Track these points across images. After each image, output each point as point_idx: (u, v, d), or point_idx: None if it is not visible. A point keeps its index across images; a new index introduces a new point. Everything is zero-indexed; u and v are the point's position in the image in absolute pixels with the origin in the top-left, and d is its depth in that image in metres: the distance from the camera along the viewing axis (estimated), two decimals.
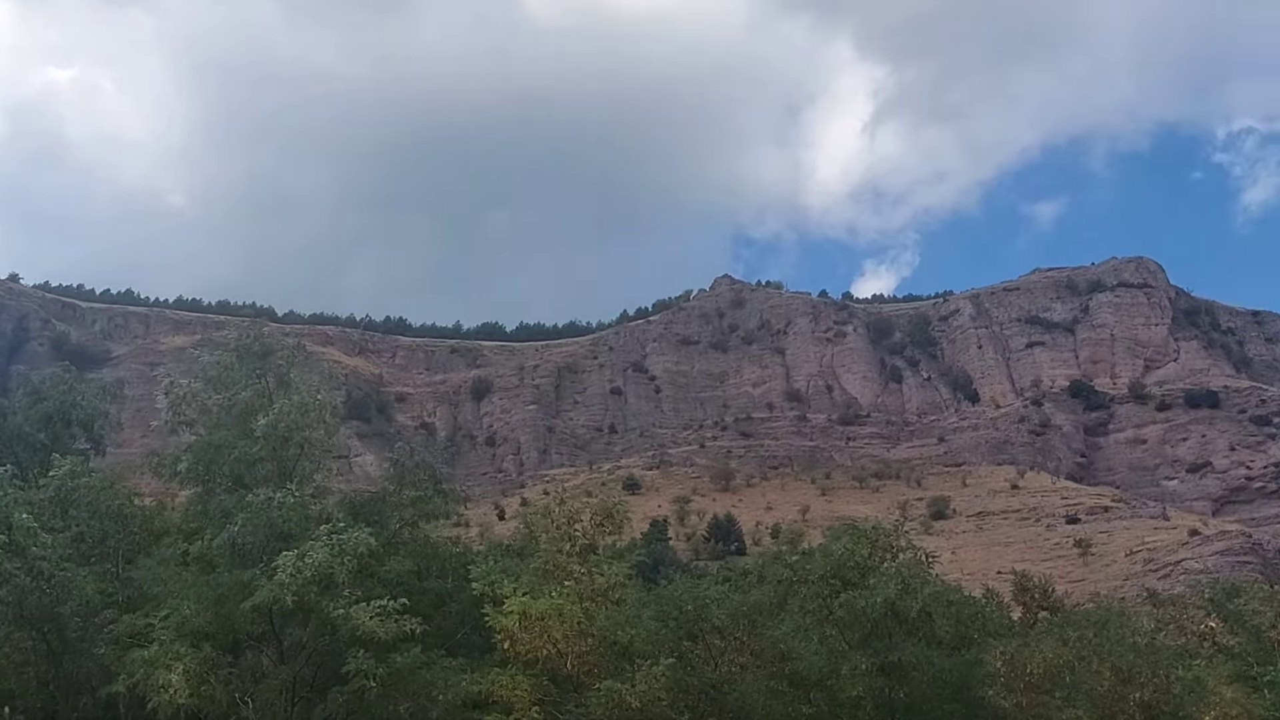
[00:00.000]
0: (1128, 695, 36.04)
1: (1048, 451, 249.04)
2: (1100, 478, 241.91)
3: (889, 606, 37.58)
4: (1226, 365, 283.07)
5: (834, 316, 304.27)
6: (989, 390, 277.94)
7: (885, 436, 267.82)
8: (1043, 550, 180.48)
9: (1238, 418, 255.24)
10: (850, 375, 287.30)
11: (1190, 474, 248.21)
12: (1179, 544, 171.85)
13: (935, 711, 37.68)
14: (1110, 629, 39.68)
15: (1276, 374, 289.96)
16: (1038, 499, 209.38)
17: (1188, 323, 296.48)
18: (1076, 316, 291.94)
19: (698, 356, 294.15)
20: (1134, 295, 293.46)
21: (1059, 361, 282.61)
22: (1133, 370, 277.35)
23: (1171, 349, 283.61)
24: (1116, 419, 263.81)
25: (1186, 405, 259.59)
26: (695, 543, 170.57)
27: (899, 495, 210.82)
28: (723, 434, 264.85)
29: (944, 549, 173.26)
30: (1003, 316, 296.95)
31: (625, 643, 36.06)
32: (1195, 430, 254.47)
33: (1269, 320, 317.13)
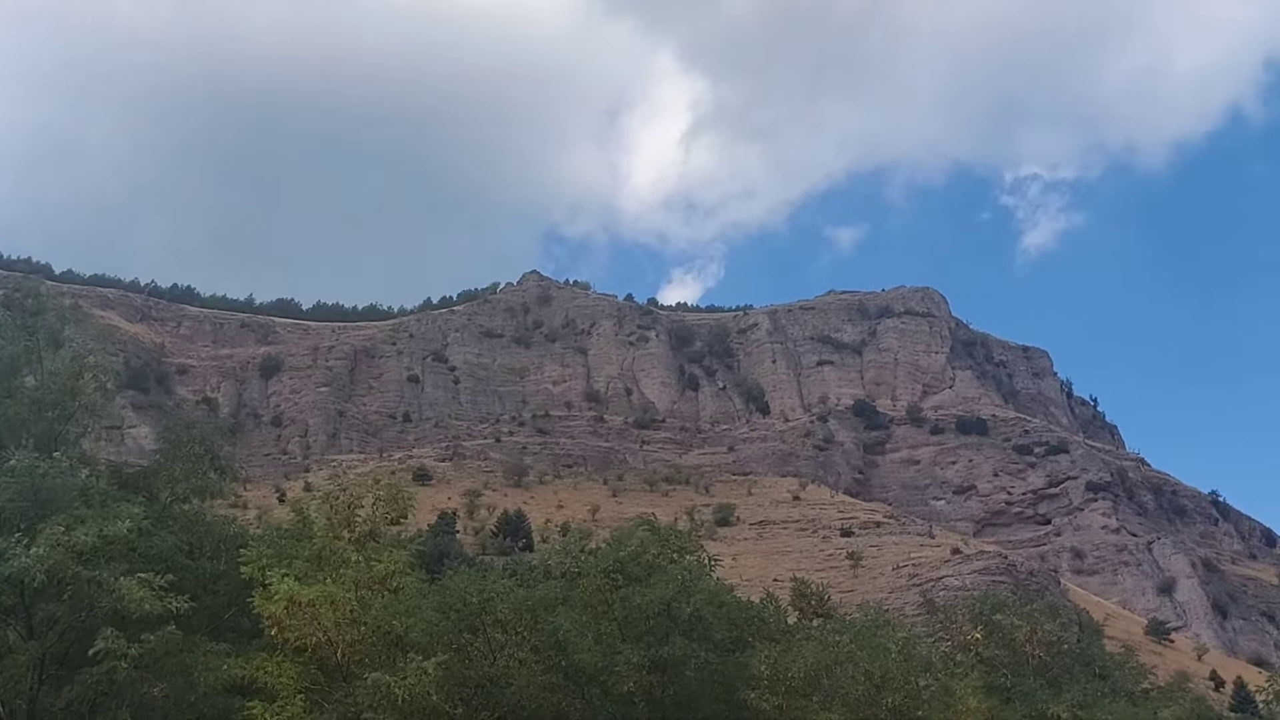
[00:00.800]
0: (880, 700, 37.79)
1: (829, 466, 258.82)
2: (876, 494, 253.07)
3: (665, 605, 38.32)
4: (996, 396, 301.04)
5: (638, 321, 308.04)
6: (779, 404, 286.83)
7: (678, 442, 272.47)
8: (818, 560, 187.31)
9: (1003, 445, 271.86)
10: (649, 380, 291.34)
11: (956, 495, 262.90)
12: (942, 561, 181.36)
13: (704, 710, 38.62)
14: (865, 637, 41.52)
15: (1040, 407, 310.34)
16: (817, 511, 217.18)
17: (965, 353, 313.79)
18: (865, 339, 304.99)
19: (500, 350, 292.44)
20: (918, 323, 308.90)
21: (846, 381, 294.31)
22: (912, 394, 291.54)
23: (948, 377, 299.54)
24: (894, 439, 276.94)
25: (958, 431, 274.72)
26: (483, 537, 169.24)
27: (687, 501, 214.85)
28: (519, 430, 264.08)
29: (726, 554, 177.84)
30: (797, 334, 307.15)
31: (400, 633, 35.45)
32: (964, 455, 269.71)
33: (1037, 356, 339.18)
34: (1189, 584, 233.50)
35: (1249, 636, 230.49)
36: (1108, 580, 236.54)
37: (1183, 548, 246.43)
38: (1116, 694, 51.02)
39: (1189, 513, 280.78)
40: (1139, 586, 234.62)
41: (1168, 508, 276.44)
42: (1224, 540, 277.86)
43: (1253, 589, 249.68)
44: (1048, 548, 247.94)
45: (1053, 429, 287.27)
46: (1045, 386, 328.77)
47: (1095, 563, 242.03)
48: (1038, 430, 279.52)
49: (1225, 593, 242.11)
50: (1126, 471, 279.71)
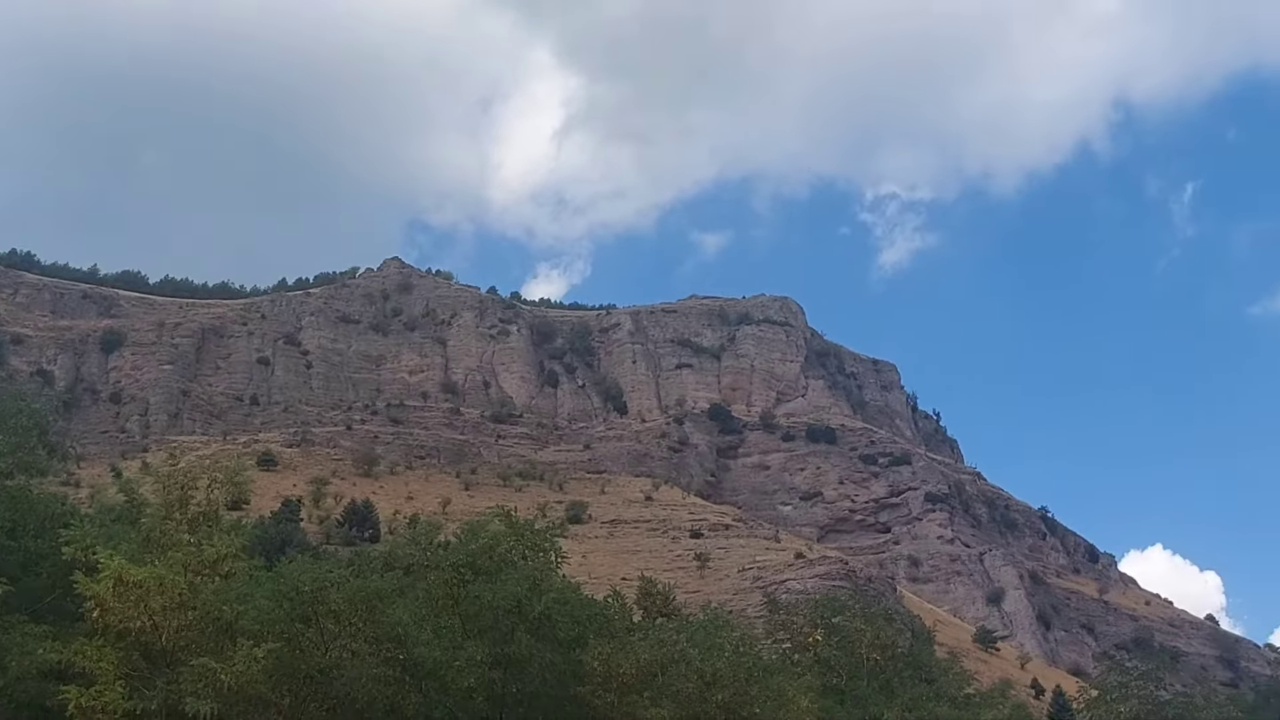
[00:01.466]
0: (711, 698, 38.33)
1: (683, 468, 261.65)
2: (726, 497, 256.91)
3: (515, 603, 38.10)
4: (846, 406, 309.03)
5: (500, 314, 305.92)
6: (637, 404, 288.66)
7: (535, 438, 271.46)
8: (666, 560, 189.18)
9: (849, 454, 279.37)
10: (508, 374, 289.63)
11: (803, 501, 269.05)
12: (785, 565, 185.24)
13: (543, 706, 38.55)
14: (701, 636, 42.10)
15: (887, 419, 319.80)
16: (668, 511, 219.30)
17: (818, 363, 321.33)
18: (723, 344, 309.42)
19: (356, 336, 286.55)
20: (775, 331, 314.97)
21: (703, 385, 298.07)
22: (766, 401, 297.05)
23: (801, 385, 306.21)
24: (746, 444, 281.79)
25: (808, 439, 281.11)
26: (329, 526, 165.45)
27: (540, 497, 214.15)
28: (372, 418, 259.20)
29: (576, 552, 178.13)
30: (658, 336, 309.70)
31: (231, 619, 34.36)
32: (812, 462, 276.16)
33: (886, 370, 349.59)
34: (1016, 595, 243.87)
35: (1069, 647, 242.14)
36: (941, 588, 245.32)
37: (1012, 560, 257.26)
38: (941, 698, 52.88)
39: (1019, 526, 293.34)
40: (970, 596, 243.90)
41: (1000, 521, 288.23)
42: (1050, 554, 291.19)
43: (1075, 602, 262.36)
44: (886, 555, 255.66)
45: (897, 441, 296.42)
46: (892, 399, 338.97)
47: (930, 571, 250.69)
48: (883, 441, 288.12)
49: (1049, 604, 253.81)
50: (964, 484, 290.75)
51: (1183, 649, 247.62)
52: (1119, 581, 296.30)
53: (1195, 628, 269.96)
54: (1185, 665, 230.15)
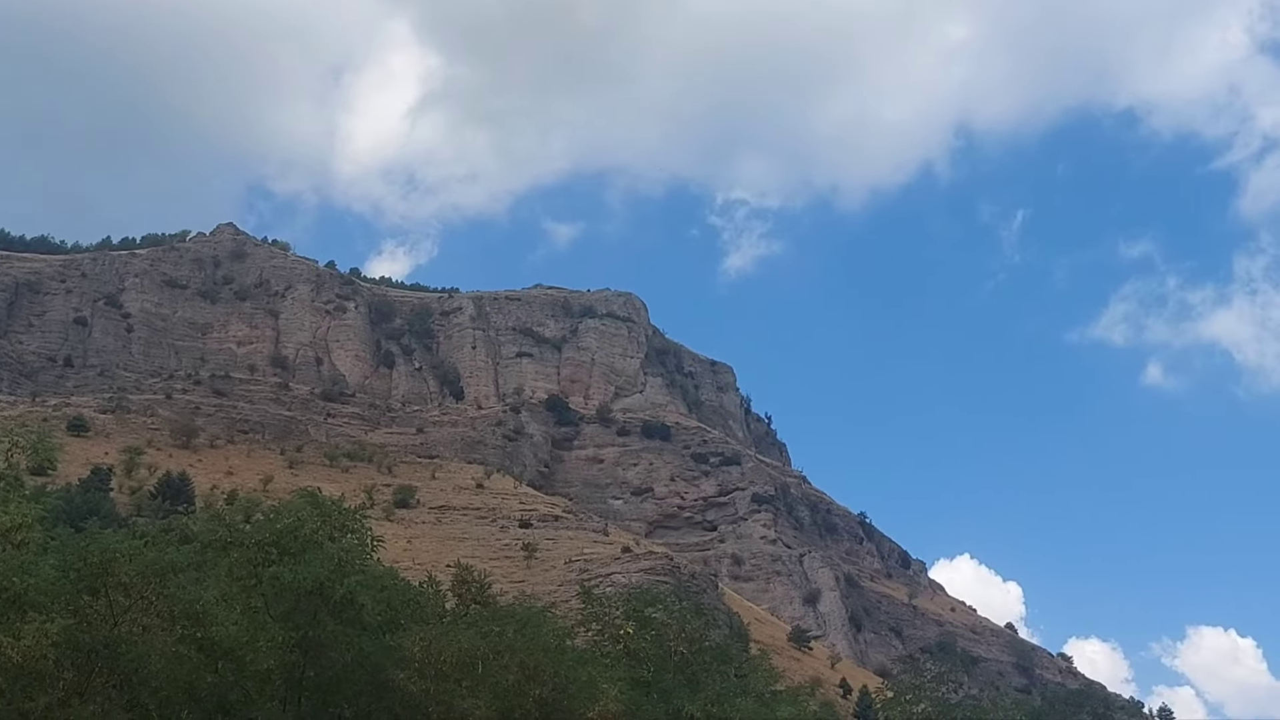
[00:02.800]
0: (529, 691, 38.42)
1: (516, 457, 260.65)
2: (558, 488, 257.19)
3: (317, 585, 37.29)
4: (682, 405, 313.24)
5: (337, 290, 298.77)
6: (474, 390, 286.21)
7: (366, 419, 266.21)
8: (493, 549, 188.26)
9: (682, 453, 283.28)
10: (343, 352, 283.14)
11: (634, 496, 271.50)
12: (612, 558, 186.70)
13: (346, 691, 37.86)
14: (524, 627, 42.18)
15: (721, 420, 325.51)
16: (499, 500, 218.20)
17: (658, 360, 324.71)
18: (565, 336, 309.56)
19: (183, 302, 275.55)
20: (618, 326, 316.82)
21: (542, 375, 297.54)
22: (604, 395, 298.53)
23: (640, 382, 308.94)
24: (581, 437, 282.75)
25: (642, 435, 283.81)
26: (140, 498, 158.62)
27: (368, 479, 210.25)
28: (194, 388, 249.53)
29: (401, 537, 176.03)
30: (500, 323, 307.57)
31: (20, 591, 32.65)
32: (645, 458, 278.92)
33: (723, 371, 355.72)
34: (832, 596, 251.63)
35: (878, 649, 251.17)
36: (761, 587, 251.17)
37: (830, 563, 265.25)
38: (748, 693, 54.16)
39: (839, 530, 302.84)
40: (788, 595, 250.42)
41: (821, 524, 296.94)
42: (866, 558, 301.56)
43: (885, 605, 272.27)
44: (711, 553, 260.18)
45: (729, 441, 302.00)
46: (727, 401, 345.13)
47: (752, 570, 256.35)
48: (715, 441, 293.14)
49: (862, 607, 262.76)
50: (789, 487, 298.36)
51: (982, 655, 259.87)
52: (928, 587, 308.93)
53: (995, 635, 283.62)
54: (983, 670, 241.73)
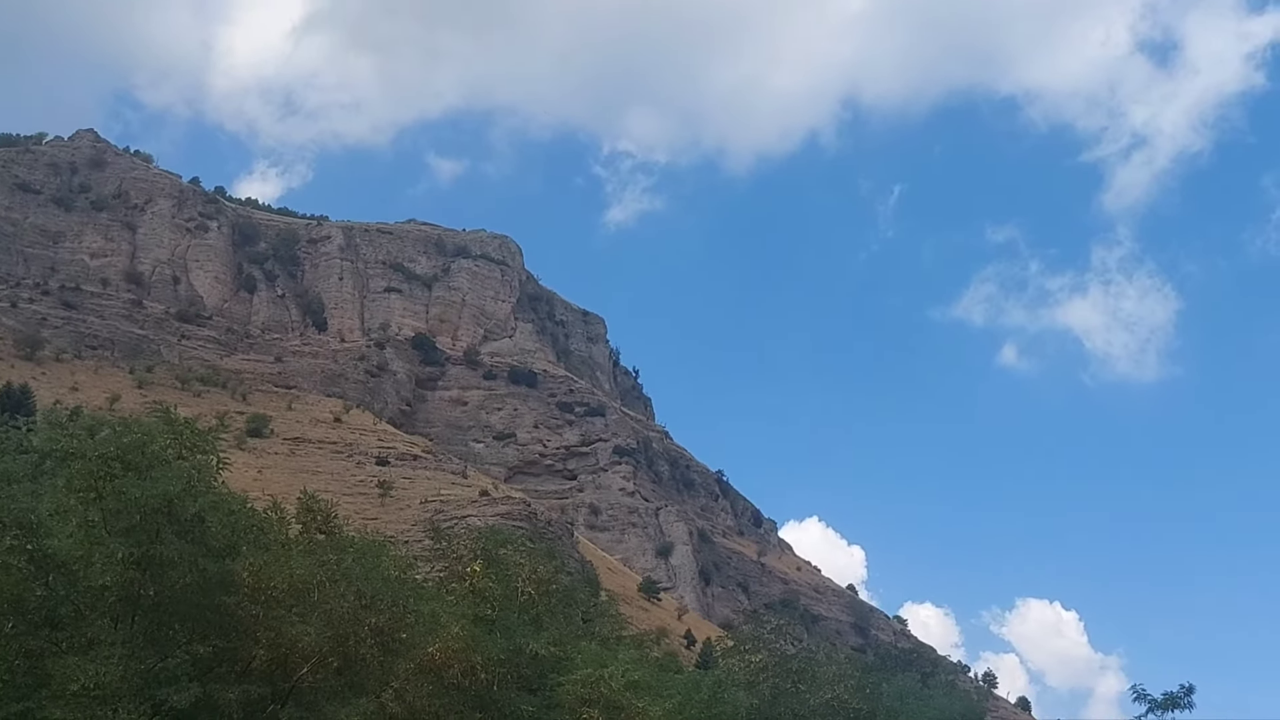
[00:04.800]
0: (364, 620, 38.27)
1: (378, 393, 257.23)
2: (419, 428, 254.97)
3: (166, 502, 36.43)
4: (551, 352, 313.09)
5: (201, 208, 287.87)
6: (339, 323, 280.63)
7: (222, 343, 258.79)
8: (348, 484, 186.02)
9: (547, 400, 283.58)
10: (202, 273, 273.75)
11: (496, 441, 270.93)
12: (469, 501, 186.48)
13: (180, 612, 37.16)
14: (362, 557, 41.89)
15: (588, 370, 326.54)
16: (357, 436, 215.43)
17: (530, 306, 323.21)
18: (437, 275, 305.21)
19: (35, 208, 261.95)
20: (491, 269, 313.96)
21: (410, 312, 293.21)
22: (473, 337, 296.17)
23: (510, 326, 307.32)
24: (446, 378, 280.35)
25: (509, 380, 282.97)
26: None
27: (221, 405, 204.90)
28: (42, 299, 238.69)
29: (252, 466, 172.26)
30: (370, 256, 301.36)
31: None
32: (510, 403, 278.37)
33: (594, 322, 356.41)
34: (684, 550, 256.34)
35: (724, 603, 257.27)
36: (616, 538, 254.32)
37: (685, 517, 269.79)
38: (593, 638, 55.02)
39: (696, 487, 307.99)
40: (642, 547, 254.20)
41: (680, 479, 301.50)
42: (720, 515, 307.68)
43: (735, 561, 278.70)
44: (569, 501, 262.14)
45: (595, 392, 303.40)
46: (596, 352, 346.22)
47: (608, 520, 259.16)
48: (582, 391, 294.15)
49: (712, 562, 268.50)
50: (651, 442, 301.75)
51: (823, 614, 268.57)
52: (777, 547, 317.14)
53: (836, 595, 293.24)
54: (823, 628, 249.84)
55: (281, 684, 39.18)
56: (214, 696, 36.90)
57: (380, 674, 40.50)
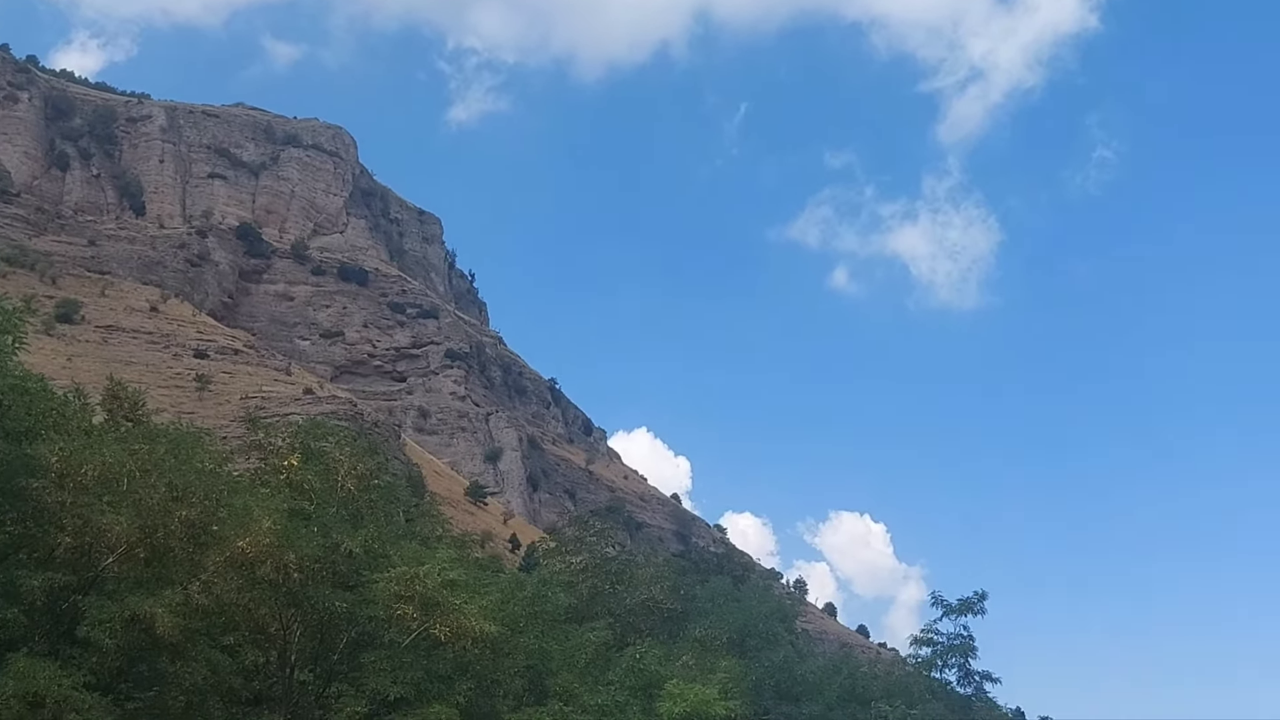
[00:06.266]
0: (175, 511, 37.18)
1: (198, 284, 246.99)
2: (241, 322, 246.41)
3: None
4: (384, 251, 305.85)
5: (10, 77, 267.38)
6: (158, 208, 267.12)
7: (31, 223, 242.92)
8: (164, 376, 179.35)
9: (378, 300, 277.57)
10: (10, 147, 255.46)
11: (323, 339, 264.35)
12: (292, 399, 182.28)
13: None
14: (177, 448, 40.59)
15: (423, 271, 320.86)
16: (175, 327, 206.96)
17: (363, 202, 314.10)
18: (265, 163, 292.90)
19: None
20: (323, 160, 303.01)
21: (235, 201, 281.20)
22: (301, 230, 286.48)
23: (341, 221, 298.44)
24: (272, 271, 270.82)
25: (339, 277, 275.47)
26: None
27: (28, 288, 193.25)
28: None
29: (61, 354, 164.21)
30: (194, 139, 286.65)
31: None
32: (339, 301, 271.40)
33: (430, 222, 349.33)
34: (513, 456, 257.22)
35: (551, 509, 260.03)
36: (444, 442, 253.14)
37: (515, 424, 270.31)
38: (413, 537, 54.83)
39: (528, 393, 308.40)
40: (470, 452, 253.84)
41: (512, 386, 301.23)
42: (551, 423, 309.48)
43: (563, 469, 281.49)
44: (398, 403, 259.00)
45: (428, 294, 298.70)
46: (431, 252, 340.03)
47: (437, 424, 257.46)
48: (414, 292, 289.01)
49: (541, 468, 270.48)
50: (484, 347, 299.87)
51: (647, 521, 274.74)
52: (606, 455, 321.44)
53: (661, 504, 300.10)
54: (646, 534, 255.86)
55: (86, 572, 37.92)
56: (15, 583, 35.69)
57: (189, 566, 39.53)
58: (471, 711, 41.89)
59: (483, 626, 41.33)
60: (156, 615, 35.26)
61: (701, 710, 39.56)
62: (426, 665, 42.08)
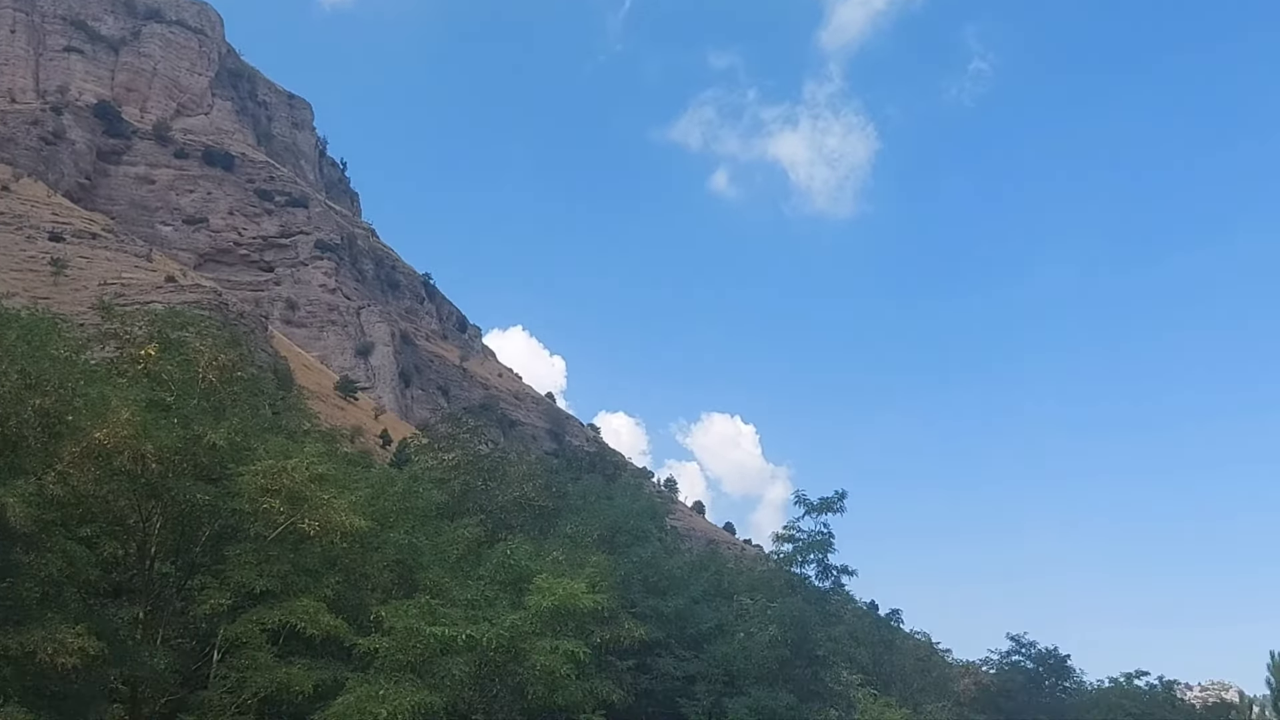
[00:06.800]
0: (28, 400, 35.75)
1: (53, 163, 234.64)
2: (99, 205, 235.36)
3: None
4: (251, 135, 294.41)
5: None
6: (9, 81, 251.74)
7: None
8: (16, 260, 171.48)
9: (245, 186, 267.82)
10: None
11: (186, 225, 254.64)
12: (154, 287, 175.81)
13: None
14: (34, 335, 38.90)
15: (292, 157, 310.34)
16: (27, 208, 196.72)
17: (230, 83, 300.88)
18: (125, 38, 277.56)
19: None
20: (188, 37, 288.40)
21: (93, 78, 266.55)
22: (164, 110, 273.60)
23: (206, 103, 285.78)
24: (132, 153, 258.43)
25: (203, 160, 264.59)
26: None
27: None
28: None
29: None
30: (48, 9, 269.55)
31: None
32: (204, 186, 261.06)
33: (301, 107, 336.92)
34: (385, 351, 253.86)
35: (423, 404, 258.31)
36: (314, 335, 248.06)
37: (388, 318, 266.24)
38: (280, 431, 53.88)
39: (401, 288, 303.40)
40: (341, 346, 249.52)
41: (385, 280, 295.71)
42: (425, 318, 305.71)
43: (437, 365, 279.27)
44: (265, 294, 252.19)
45: (298, 182, 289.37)
46: (301, 139, 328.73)
47: (306, 317, 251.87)
48: (283, 179, 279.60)
49: (414, 364, 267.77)
50: (356, 238, 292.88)
51: (521, 419, 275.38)
52: (480, 353, 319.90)
53: (535, 402, 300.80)
54: (520, 432, 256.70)
55: None
56: None
57: (44, 457, 38.15)
58: (339, 604, 41.78)
59: (352, 521, 41.02)
60: (8, 505, 34.06)
61: (569, 603, 40.27)
62: (293, 559, 41.72)
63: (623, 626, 52.27)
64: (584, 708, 43.06)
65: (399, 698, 35.51)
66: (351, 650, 39.78)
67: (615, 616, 51.36)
